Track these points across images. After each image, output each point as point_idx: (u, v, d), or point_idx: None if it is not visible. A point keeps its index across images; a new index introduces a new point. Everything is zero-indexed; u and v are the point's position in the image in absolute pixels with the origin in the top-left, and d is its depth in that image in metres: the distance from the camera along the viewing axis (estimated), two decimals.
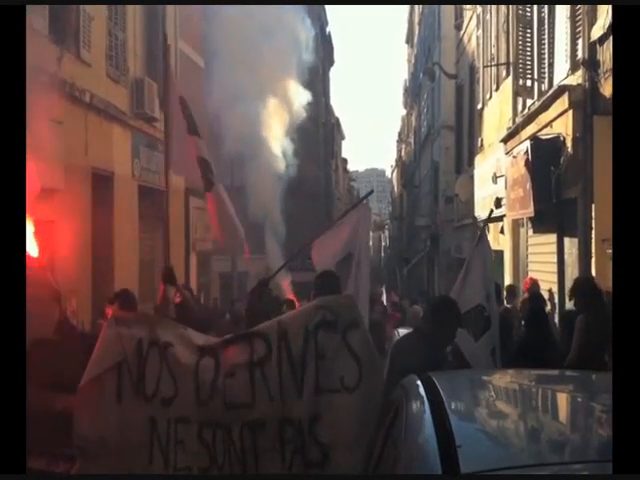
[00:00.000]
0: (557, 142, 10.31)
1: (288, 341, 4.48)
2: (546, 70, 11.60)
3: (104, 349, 4.62)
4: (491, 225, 17.25)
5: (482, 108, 18.10)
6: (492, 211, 11.05)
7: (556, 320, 9.97)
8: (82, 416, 4.54)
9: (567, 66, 10.26)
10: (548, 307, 9.84)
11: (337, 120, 54.03)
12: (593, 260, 9.14)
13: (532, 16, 12.20)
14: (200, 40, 19.41)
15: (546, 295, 10.65)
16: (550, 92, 10.72)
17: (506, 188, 13.14)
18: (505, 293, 10.52)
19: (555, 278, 11.12)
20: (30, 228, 5.50)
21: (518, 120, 12.98)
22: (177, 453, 4.46)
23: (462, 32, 22.50)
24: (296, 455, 4.35)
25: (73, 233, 10.91)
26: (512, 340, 7.43)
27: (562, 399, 3.22)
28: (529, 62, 12.30)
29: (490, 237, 17.58)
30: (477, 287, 6.53)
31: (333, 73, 53.99)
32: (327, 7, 41.08)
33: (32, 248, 5.70)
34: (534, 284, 10.24)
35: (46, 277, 5.75)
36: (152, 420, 4.50)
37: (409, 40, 53.33)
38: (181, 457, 4.46)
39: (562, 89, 10.06)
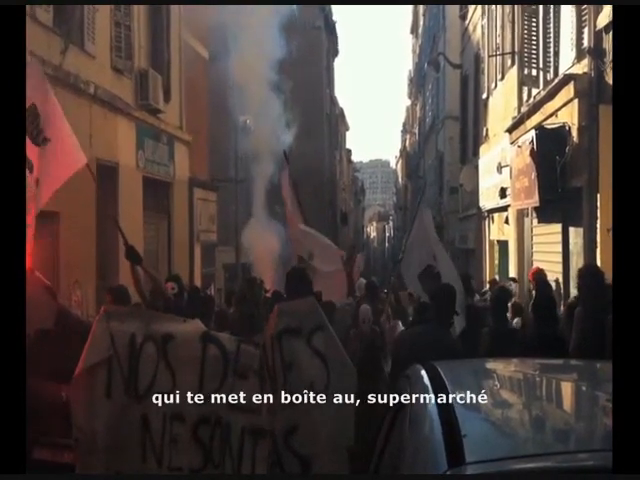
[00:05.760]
0: (562, 131, 10.28)
1: (266, 353, 4.42)
2: (551, 59, 11.55)
3: (93, 344, 4.56)
4: (496, 215, 17.25)
5: (487, 98, 18.04)
6: None
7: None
8: (77, 409, 4.53)
9: (573, 55, 10.21)
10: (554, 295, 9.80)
11: (341, 111, 53.88)
12: (598, 250, 9.12)
13: (537, 5, 12.14)
14: (205, 31, 19.34)
15: (552, 285, 10.63)
16: (556, 81, 10.67)
17: (511, 178, 13.11)
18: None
19: (560, 268, 11.10)
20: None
21: (523, 110, 12.93)
22: (172, 451, 4.42)
23: (467, 22, 22.40)
24: (274, 469, 4.25)
25: (77, 224, 10.92)
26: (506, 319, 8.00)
27: (567, 388, 3.22)
28: (534, 51, 12.24)
29: (495, 227, 17.61)
30: (425, 249, 7.88)
31: (337, 63, 53.84)
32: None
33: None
34: (540, 273, 10.20)
35: (36, 277, 5.65)
36: (144, 417, 4.45)
37: (414, 30, 53.16)
38: (175, 455, 4.42)
39: (568, 78, 10.01)
